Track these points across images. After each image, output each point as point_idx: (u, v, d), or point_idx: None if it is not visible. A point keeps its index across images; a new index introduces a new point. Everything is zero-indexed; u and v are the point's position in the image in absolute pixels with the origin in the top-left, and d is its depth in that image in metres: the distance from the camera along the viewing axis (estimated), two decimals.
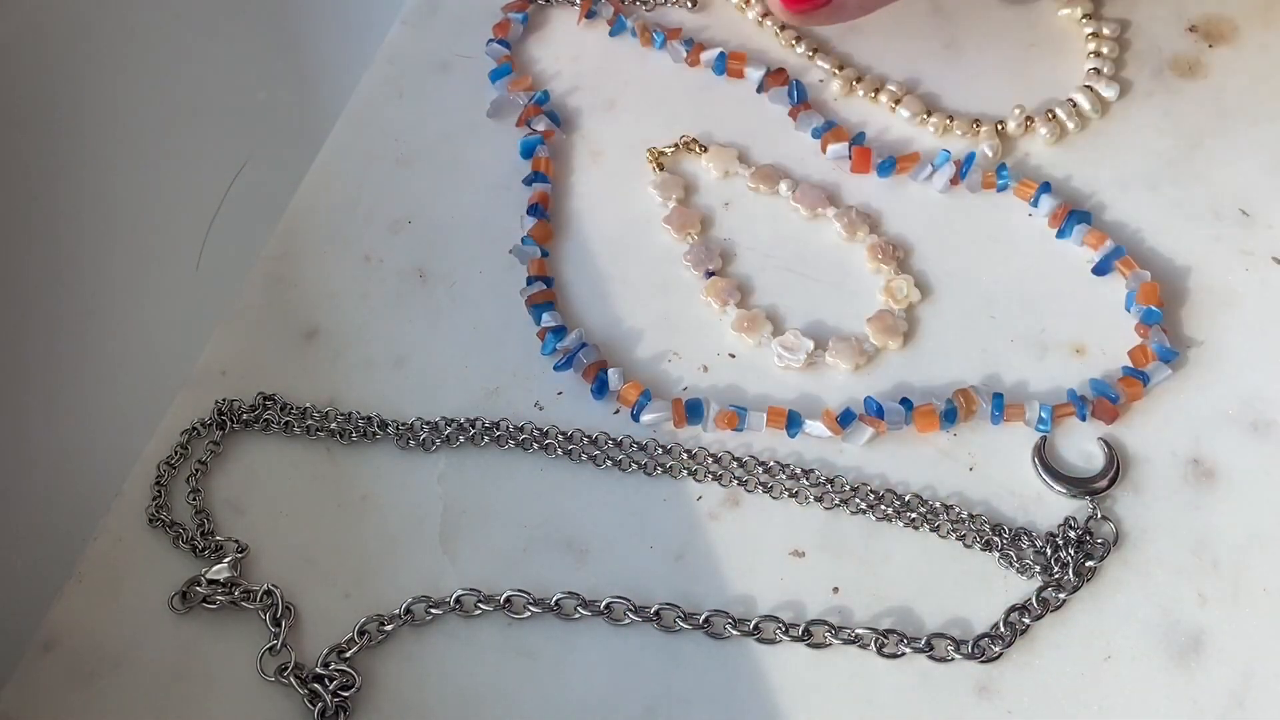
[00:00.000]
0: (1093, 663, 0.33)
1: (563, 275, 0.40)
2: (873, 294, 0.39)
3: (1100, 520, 0.34)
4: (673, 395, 0.37)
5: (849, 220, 0.40)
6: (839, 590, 0.34)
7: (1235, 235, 0.40)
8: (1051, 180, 0.41)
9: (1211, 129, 0.42)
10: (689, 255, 0.40)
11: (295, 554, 0.35)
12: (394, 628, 0.33)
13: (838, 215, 0.41)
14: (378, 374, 0.38)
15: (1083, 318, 0.39)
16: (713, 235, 0.41)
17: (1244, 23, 0.45)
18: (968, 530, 0.34)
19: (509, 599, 0.34)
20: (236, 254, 0.40)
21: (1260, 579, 0.34)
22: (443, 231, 0.41)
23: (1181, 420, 0.36)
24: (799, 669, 0.33)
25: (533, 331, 0.38)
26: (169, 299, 0.38)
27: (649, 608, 0.33)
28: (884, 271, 0.39)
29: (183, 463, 0.37)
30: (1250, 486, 0.35)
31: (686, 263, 0.40)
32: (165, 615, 0.34)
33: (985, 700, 0.32)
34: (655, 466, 0.36)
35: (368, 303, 0.40)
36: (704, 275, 0.40)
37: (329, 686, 0.32)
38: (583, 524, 0.35)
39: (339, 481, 0.36)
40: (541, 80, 0.45)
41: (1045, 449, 0.36)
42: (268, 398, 0.37)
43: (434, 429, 0.37)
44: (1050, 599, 0.33)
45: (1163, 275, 0.39)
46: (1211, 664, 0.32)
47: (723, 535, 0.35)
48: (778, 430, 0.36)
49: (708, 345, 0.38)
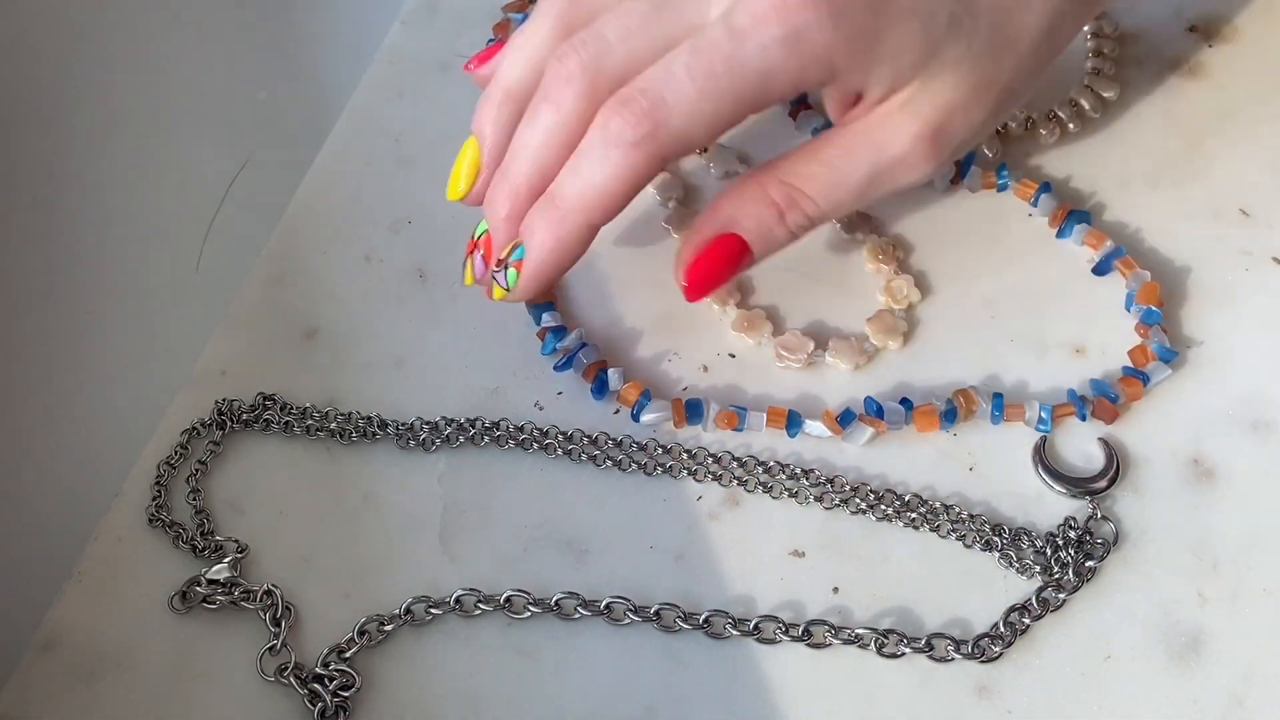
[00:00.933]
0: (1093, 663, 0.33)
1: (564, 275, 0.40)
2: (873, 294, 0.39)
3: (1100, 520, 0.34)
4: (673, 395, 0.37)
5: (850, 220, 0.40)
6: (839, 590, 0.34)
7: (1235, 235, 0.40)
8: (1051, 180, 0.41)
9: (1211, 129, 0.42)
10: None
11: (295, 554, 0.35)
12: (394, 628, 0.33)
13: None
14: (378, 374, 0.38)
15: (1083, 318, 0.39)
16: None
17: (1244, 23, 0.45)
18: (968, 530, 0.34)
19: (509, 599, 0.34)
20: (236, 254, 0.40)
21: (1260, 579, 0.34)
22: (443, 231, 0.41)
23: (1181, 420, 0.36)
24: (799, 669, 0.33)
25: (533, 331, 0.38)
26: (169, 299, 0.38)
27: (649, 608, 0.33)
28: (884, 271, 0.39)
29: (183, 463, 0.37)
30: (1250, 486, 0.35)
31: None
32: (165, 615, 0.34)
33: (985, 700, 0.32)
34: (655, 466, 0.36)
35: (368, 303, 0.40)
36: None
37: (329, 686, 0.32)
38: (583, 524, 0.35)
39: (339, 481, 0.36)
40: None
41: (1045, 449, 0.36)
42: (268, 398, 0.37)
43: (434, 429, 0.37)
44: (1050, 599, 0.33)
45: (1163, 275, 0.39)
46: (1211, 664, 0.32)
47: (723, 535, 0.35)
48: (778, 430, 0.36)
49: (708, 345, 0.38)
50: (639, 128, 0.31)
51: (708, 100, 0.31)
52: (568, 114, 0.33)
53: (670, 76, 0.31)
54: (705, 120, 0.32)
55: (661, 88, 0.31)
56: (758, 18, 0.31)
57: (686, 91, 0.31)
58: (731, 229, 0.34)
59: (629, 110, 0.31)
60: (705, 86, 0.31)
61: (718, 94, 0.31)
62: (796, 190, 0.34)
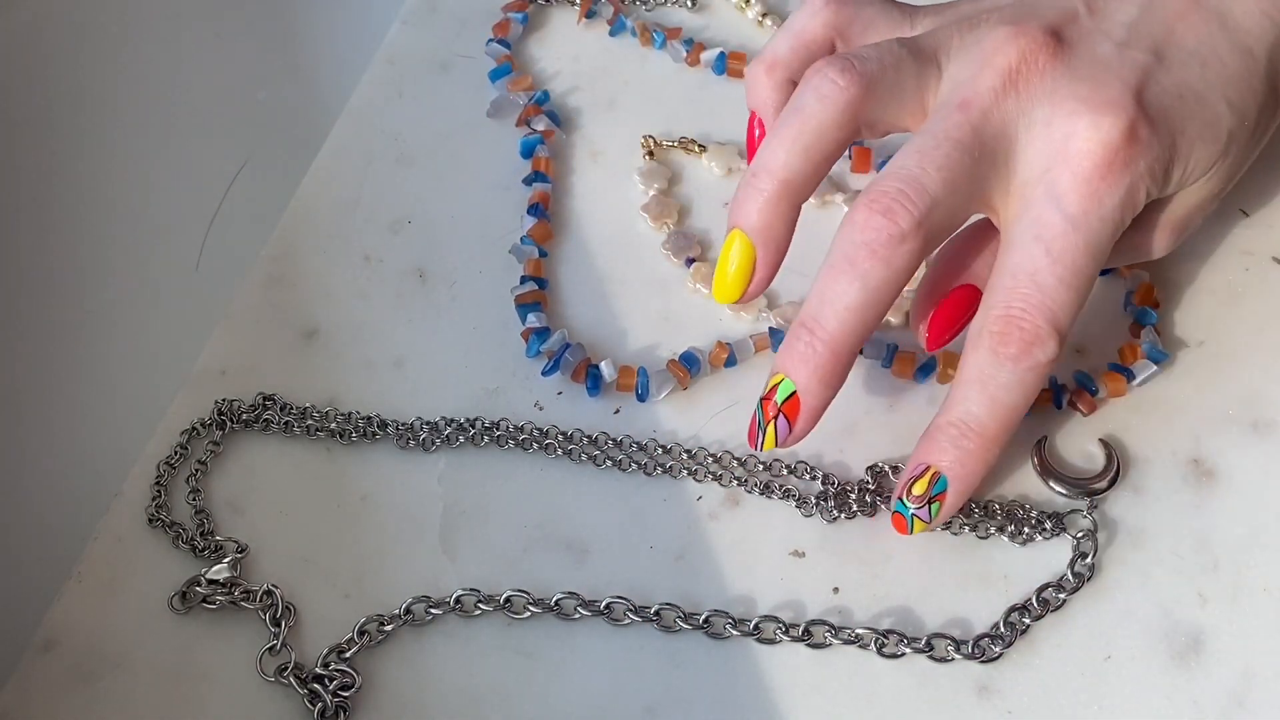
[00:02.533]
0: (1093, 663, 0.33)
1: (561, 275, 0.40)
2: None
3: (1089, 516, 0.34)
4: (665, 364, 0.38)
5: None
6: (839, 590, 0.34)
7: (1235, 235, 0.40)
8: None
9: None
10: (667, 244, 0.40)
11: (295, 554, 0.35)
12: (394, 628, 0.33)
13: (847, 200, 0.41)
14: (378, 374, 0.38)
15: (1083, 317, 0.38)
16: (691, 224, 0.41)
17: None
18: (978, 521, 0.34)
19: (509, 599, 0.34)
20: (236, 254, 0.40)
21: (1260, 579, 0.34)
22: (443, 231, 0.41)
23: (1181, 420, 0.36)
24: (799, 669, 0.33)
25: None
26: (169, 299, 0.38)
27: (649, 608, 0.33)
28: None
29: (183, 463, 0.37)
30: (1250, 486, 0.35)
31: (665, 251, 0.40)
32: (165, 615, 0.34)
33: (985, 700, 0.32)
34: (655, 466, 0.36)
35: (368, 303, 0.40)
36: (685, 263, 0.40)
37: (329, 686, 0.32)
38: (583, 524, 0.35)
39: (339, 481, 0.36)
40: (541, 80, 0.45)
41: (1045, 448, 0.36)
42: (268, 398, 0.37)
43: (434, 429, 0.37)
44: (1050, 599, 0.33)
45: (1163, 275, 0.39)
46: (1211, 664, 0.32)
47: (723, 535, 0.35)
48: (766, 353, 0.38)
49: (706, 338, 0.38)
50: (1041, 349, 0.31)
51: (1080, 288, 0.32)
52: (898, 274, 0.31)
53: (1044, 289, 0.31)
54: (1081, 301, 0.32)
55: (1039, 303, 0.31)
56: (1087, 196, 0.31)
57: (1065, 300, 0.31)
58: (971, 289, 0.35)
59: (1023, 335, 0.31)
60: (1074, 281, 0.31)
61: (1085, 278, 0.32)
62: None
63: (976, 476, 0.33)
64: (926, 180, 0.31)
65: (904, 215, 0.31)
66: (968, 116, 0.32)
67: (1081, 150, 0.31)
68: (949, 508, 0.33)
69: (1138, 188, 0.32)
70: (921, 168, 0.31)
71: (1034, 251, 0.31)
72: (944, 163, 0.31)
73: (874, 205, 0.31)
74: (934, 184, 0.31)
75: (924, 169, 0.31)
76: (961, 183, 0.31)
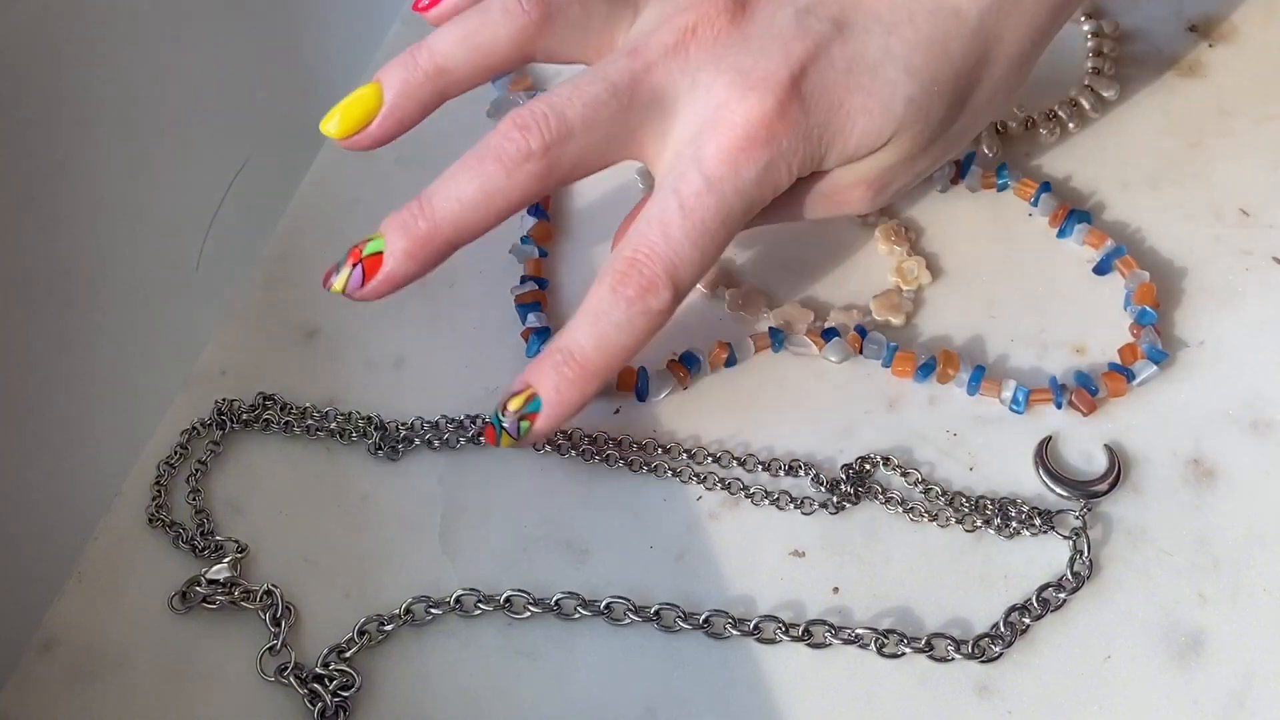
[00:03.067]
0: (1093, 663, 0.33)
1: (561, 275, 0.40)
2: (877, 286, 0.39)
3: (1080, 517, 0.34)
4: (665, 364, 0.38)
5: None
6: (839, 590, 0.34)
7: (1235, 235, 0.40)
8: (1051, 180, 0.41)
9: (1211, 129, 0.42)
10: None
11: (295, 554, 0.35)
12: (394, 628, 0.33)
13: None
14: (378, 374, 0.38)
15: (1083, 317, 0.39)
16: None
17: (1244, 23, 0.45)
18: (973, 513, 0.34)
19: (509, 599, 0.34)
20: (236, 254, 0.40)
21: (1260, 579, 0.34)
22: None
23: (1181, 420, 0.36)
24: (799, 669, 0.33)
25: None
26: (169, 299, 0.38)
27: (649, 608, 0.33)
28: (896, 253, 0.40)
29: (183, 463, 0.37)
30: (1250, 486, 0.35)
31: None
32: (165, 615, 0.34)
33: (985, 700, 0.32)
34: (655, 466, 0.36)
35: (368, 303, 0.40)
36: None
37: (329, 686, 0.32)
38: (583, 524, 0.35)
39: (339, 481, 0.36)
40: (542, 80, 0.45)
41: (1047, 450, 0.36)
42: (268, 398, 0.37)
43: (434, 429, 0.37)
44: (1050, 599, 0.33)
45: (1163, 275, 0.39)
46: (1211, 664, 0.32)
47: (723, 535, 0.35)
48: (765, 350, 0.38)
49: (706, 338, 0.38)
50: (655, 296, 0.32)
51: (707, 249, 0.33)
52: (517, 189, 0.33)
53: (670, 241, 0.32)
54: (706, 263, 0.33)
55: (663, 253, 0.32)
56: (726, 164, 0.32)
57: (688, 256, 0.32)
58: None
59: (641, 279, 0.32)
60: (701, 241, 0.32)
61: (713, 241, 0.33)
62: None
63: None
64: (570, 112, 0.32)
65: (535, 137, 0.32)
66: (631, 65, 0.33)
67: (729, 121, 0.32)
68: (538, 430, 0.33)
69: (777, 164, 0.33)
70: (569, 101, 0.33)
71: (670, 204, 0.32)
72: (591, 101, 0.33)
73: (516, 119, 0.33)
74: (576, 118, 0.32)
75: (571, 102, 0.33)
76: (604, 124, 0.33)
